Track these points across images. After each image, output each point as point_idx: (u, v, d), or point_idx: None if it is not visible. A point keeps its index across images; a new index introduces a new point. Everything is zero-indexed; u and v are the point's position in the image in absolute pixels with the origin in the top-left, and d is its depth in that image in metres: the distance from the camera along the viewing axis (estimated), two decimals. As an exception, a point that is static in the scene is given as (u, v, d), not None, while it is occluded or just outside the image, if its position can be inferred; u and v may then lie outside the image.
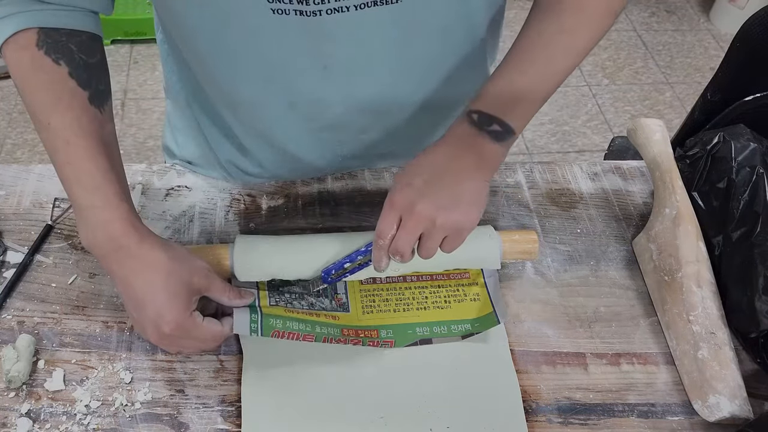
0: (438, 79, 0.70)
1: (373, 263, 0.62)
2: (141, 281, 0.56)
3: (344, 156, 0.79)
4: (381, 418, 0.60)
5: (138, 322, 0.58)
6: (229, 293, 0.61)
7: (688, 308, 0.66)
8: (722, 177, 0.73)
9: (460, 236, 0.59)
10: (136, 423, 0.59)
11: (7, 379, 0.60)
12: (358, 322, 0.65)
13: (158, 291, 0.56)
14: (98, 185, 0.56)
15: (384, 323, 0.66)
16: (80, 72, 0.57)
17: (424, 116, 0.74)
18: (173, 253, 0.58)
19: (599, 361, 0.66)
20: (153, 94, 2.17)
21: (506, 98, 0.60)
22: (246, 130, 0.75)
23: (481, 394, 0.63)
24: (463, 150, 0.60)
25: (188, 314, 0.57)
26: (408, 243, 0.59)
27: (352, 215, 0.77)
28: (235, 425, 0.60)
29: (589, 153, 2.06)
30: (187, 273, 0.57)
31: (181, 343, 0.59)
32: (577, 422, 0.62)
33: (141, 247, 0.56)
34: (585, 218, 0.79)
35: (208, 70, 0.67)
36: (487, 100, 0.61)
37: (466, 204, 0.59)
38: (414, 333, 0.65)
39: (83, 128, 0.56)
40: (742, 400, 0.61)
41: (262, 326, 0.60)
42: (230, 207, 0.77)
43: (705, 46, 2.51)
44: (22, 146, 1.99)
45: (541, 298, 0.71)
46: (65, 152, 0.56)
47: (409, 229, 0.58)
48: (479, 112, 0.60)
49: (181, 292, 0.56)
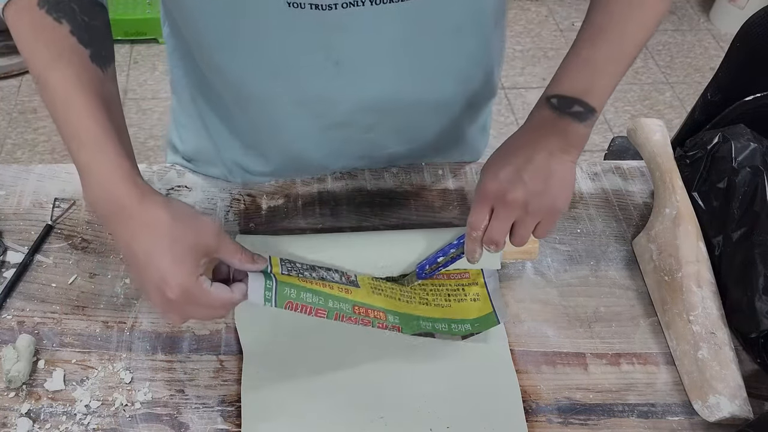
0: (446, 80, 0.70)
1: (466, 255, 0.63)
2: (143, 244, 0.52)
3: (349, 155, 0.79)
4: (381, 418, 0.60)
5: (142, 288, 0.55)
6: (240, 255, 0.57)
7: (688, 308, 0.66)
8: (722, 177, 0.73)
9: (553, 220, 0.60)
10: (136, 423, 0.59)
11: (7, 379, 0.60)
12: (369, 300, 0.64)
13: (162, 254, 0.52)
14: (98, 141, 0.53)
15: (391, 308, 0.65)
16: (82, 32, 0.55)
17: (431, 116, 0.75)
18: (178, 212, 0.54)
19: (599, 361, 0.66)
20: (153, 94, 2.17)
21: (583, 78, 0.60)
22: (252, 125, 0.74)
23: (481, 394, 0.63)
24: (547, 134, 0.60)
25: (194, 278, 0.53)
26: (502, 232, 0.60)
27: (352, 215, 0.77)
28: (235, 425, 0.60)
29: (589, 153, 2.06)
30: (194, 233, 0.53)
31: (187, 311, 0.55)
32: (577, 422, 0.62)
33: (142, 206, 0.52)
34: (585, 218, 0.79)
35: (217, 63, 0.66)
36: (564, 83, 0.61)
37: (557, 187, 0.59)
38: (418, 324, 0.65)
39: (83, 84, 0.54)
40: (742, 400, 0.61)
41: (277, 295, 0.57)
42: (230, 207, 0.77)
43: (705, 46, 2.51)
44: (22, 146, 1.99)
45: (541, 298, 0.71)
46: (64, 109, 0.53)
47: (503, 218, 0.59)
48: (558, 96, 0.60)
49: (186, 255, 0.52)
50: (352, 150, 0.78)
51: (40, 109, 2.07)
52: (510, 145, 0.62)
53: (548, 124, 0.60)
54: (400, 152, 0.80)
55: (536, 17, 2.60)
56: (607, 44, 0.61)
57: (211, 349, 0.65)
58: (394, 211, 0.78)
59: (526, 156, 0.59)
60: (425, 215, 0.78)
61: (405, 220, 0.77)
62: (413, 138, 0.78)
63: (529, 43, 2.46)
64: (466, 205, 0.79)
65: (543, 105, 0.61)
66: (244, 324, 0.66)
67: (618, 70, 0.62)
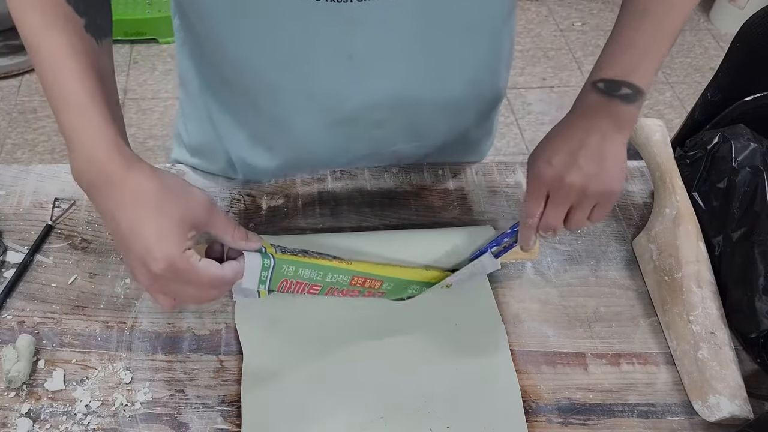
0: (457, 79, 0.70)
1: (521, 243, 0.63)
2: (127, 214, 0.49)
3: (355, 152, 0.78)
4: (381, 418, 0.60)
5: (128, 263, 0.52)
6: (233, 232, 0.53)
7: (688, 308, 0.66)
8: (722, 177, 0.73)
9: (610, 202, 0.61)
10: (136, 423, 0.59)
11: (7, 379, 0.60)
12: (371, 270, 0.64)
13: (146, 225, 0.49)
14: (84, 106, 0.51)
15: (389, 275, 0.65)
16: (77, 1, 0.54)
17: (439, 115, 0.75)
18: (166, 181, 0.51)
19: (599, 361, 0.66)
20: (153, 94, 2.17)
21: (628, 59, 0.60)
22: (260, 118, 0.74)
23: (481, 394, 0.63)
24: (597, 118, 0.60)
25: (181, 252, 0.49)
26: (559, 217, 0.60)
27: (352, 215, 0.77)
28: (235, 425, 0.60)
29: (589, 153, 2.06)
30: (182, 204, 0.50)
31: (173, 289, 0.52)
32: (577, 422, 0.62)
33: (127, 174, 0.50)
34: (585, 218, 0.79)
35: (228, 55, 0.66)
36: (609, 66, 0.60)
37: (612, 168, 0.59)
38: (406, 289, 0.66)
39: (76, 51, 0.52)
40: (742, 400, 0.61)
41: (273, 275, 0.55)
42: (230, 207, 0.77)
43: (705, 46, 2.51)
44: (22, 146, 1.99)
45: (541, 298, 0.71)
46: (53, 74, 0.52)
47: (559, 203, 0.59)
48: (604, 80, 0.60)
49: (173, 226, 0.49)
50: (359, 146, 0.78)
51: (40, 109, 2.07)
52: (560, 131, 0.62)
53: (597, 108, 0.60)
54: (405, 150, 0.80)
55: (536, 17, 2.60)
56: (651, 26, 0.60)
57: (211, 349, 0.65)
58: (394, 211, 0.78)
59: (579, 140, 0.59)
60: (425, 215, 0.78)
61: (405, 220, 0.77)
62: (420, 136, 0.78)
63: (529, 43, 2.46)
64: (466, 204, 0.79)
65: (590, 90, 0.61)
66: (244, 324, 0.66)
67: (662, 51, 0.61)
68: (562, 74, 2.33)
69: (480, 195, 0.80)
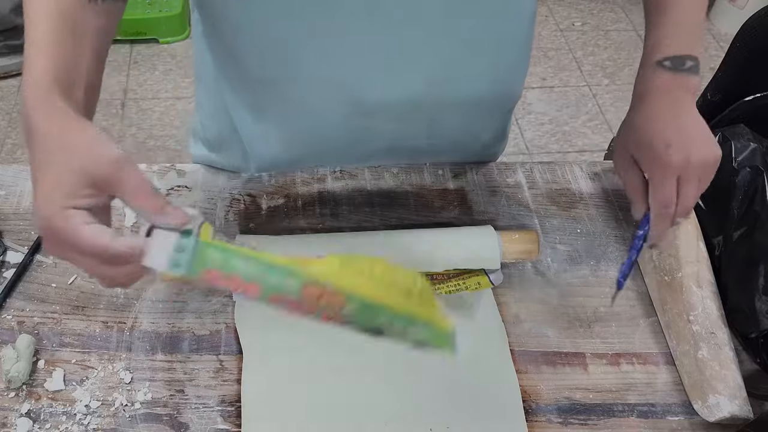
0: (479, 77, 0.71)
1: (657, 238, 0.63)
2: (34, 163, 0.45)
3: (372, 146, 0.79)
4: (381, 418, 0.60)
5: None
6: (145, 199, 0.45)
7: (688, 308, 0.66)
8: (722, 177, 0.73)
9: (715, 170, 0.62)
10: (136, 423, 0.59)
11: (7, 379, 0.60)
12: (333, 278, 0.48)
13: (42, 176, 0.44)
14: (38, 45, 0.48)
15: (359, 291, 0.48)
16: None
17: (458, 113, 0.75)
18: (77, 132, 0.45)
19: (599, 361, 0.66)
20: (153, 94, 2.17)
21: (681, 37, 0.63)
22: (278, 109, 0.74)
23: (481, 394, 0.63)
24: (676, 93, 0.62)
25: (61, 208, 0.43)
26: (694, 196, 0.61)
27: (352, 215, 0.77)
28: (235, 425, 0.60)
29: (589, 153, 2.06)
30: (83, 154, 0.44)
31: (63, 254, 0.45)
32: (577, 422, 0.62)
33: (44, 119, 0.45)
34: (585, 218, 0.79)
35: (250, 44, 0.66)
36: (669, 46, 0.63)
37: (710, 136, 0.62)
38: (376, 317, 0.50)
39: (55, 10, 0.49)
40: (742, 400, 0.61)
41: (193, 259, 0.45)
42: (230, 207, 0.77)
43: (705, 46, 2.51)
44: (22, 146, 1.99)
45: (541, 298, 0.71)
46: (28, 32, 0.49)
47: (691, 182, 0.61)
48: (670, 57, 0.62)
49: (64, 178, 0.43)
50: (376, 140, 0.78)
51: (40, 109, 2.07)
52: (648, 115, 0.63)
53: (671, 84, 0.63)
54: (422, 147, 0.81)
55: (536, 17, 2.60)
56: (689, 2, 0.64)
57: (211, 349, 0.65)
58: (394, 211, 0.78)
59: (676, 118, 0.62)
60: (425, 215, 0.78)
61: (405, 220, 0.77)
62: (437, 134, 0.78)
63: (529, 43, 2.46)
64: (466, 204, 0.79)
65: (657, 70, 0.63)
66: (244, 324, 0.66)
67: (701, 18, 0.65)
68: (562, 74, 2.33)
69: (480, 195, 0.80)
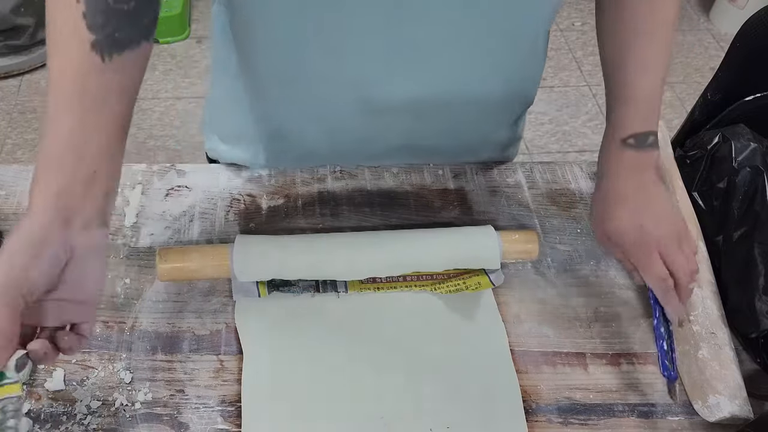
0: (497, 77, 0.71)
1: (674, 314, 0.64)
2: None
3: (385, 143, 0.79)
4: (381, 418, 0.60)
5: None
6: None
7: (688, 308, 0.66)
8: (722, 177, 0.73)
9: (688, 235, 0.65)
10: (136, 423, 0.59)
11: (7, 379, 0.60)
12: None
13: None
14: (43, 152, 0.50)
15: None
16: (95, 15, 0.50)
17: (474, 113, 0.75)
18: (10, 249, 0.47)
19: (599, 361, 0.66)
20: (153, 94, 2.17)
21: (643, 113, 0.65)
22: (296, 104, 0.74)
23: (481, 394, 0.63)
24: (643, 172, 0.64)
25: None
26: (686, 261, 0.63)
27: (352, 215, 0.77)
28: (235, 425, 0.60)
29: (589, 153, 2.06)
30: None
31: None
32: (577, 422, 0.62)
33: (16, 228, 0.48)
34: (585, 218, 0.79)
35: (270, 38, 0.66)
36: (631, 124, 0.64)
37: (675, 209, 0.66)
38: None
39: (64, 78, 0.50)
40: (742, 400, 0.61)
41: None
42: (230, 207, 0.77)
43: (705, 46, 2.51)
44: (22, 146, 1.99)
45: (541, 298, 0.71)
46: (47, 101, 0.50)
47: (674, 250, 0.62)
48: (634, 135, 0.64)
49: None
50: (390, 138, 0.78)
51: (40, 109, 2.07)
52: (618, 196, 0.64)
53: (636, 162, 0.64)
54: (436, 146, 0.81)
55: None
56: (653, 76, 0.65)
57: (211, 349, 0.65)
58: (394, 211, 0.78)
59: (645, 197, 0.64)
60: (425, 215, 0.78)
61: (405, 220, 0.77)
62: (452, 133, 0.78)
63: (529, 43, 2.46)
64: (466, 204, 0.79)
65: (621, 148, 0.64)
66: (244, 324, 0.66)
67: (662, 91, 0.66)
68: (562, 74, 2.33)
69: (480, 195, 0.80)
